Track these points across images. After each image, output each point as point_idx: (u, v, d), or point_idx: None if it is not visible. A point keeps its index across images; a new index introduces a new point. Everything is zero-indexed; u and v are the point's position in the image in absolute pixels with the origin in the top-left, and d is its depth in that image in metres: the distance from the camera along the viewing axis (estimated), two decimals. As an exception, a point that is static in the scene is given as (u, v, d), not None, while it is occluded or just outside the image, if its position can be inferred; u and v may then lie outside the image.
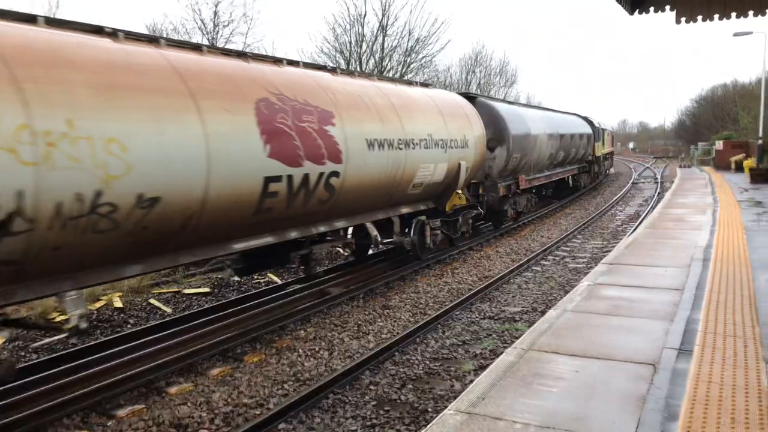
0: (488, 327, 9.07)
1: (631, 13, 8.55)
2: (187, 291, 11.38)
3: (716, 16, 8.49)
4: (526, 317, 9.49)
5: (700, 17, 8.51)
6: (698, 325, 6.05)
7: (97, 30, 6.47)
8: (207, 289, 11.52)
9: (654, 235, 11.97)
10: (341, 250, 14.15)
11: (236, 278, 12.04)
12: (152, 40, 7.07)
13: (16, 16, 5.78)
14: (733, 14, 8.48)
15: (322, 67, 10.10)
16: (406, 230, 12.21)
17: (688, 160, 49.33)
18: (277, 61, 8.95)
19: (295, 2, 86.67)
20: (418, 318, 9.55)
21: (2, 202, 4.85)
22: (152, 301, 10.71)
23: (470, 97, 15.70)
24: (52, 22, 6.10)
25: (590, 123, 30.60)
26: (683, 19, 8.54)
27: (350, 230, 10.95)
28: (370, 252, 13.55)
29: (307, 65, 9.77)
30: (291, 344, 8.47)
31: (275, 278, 12.34)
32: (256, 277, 12.40)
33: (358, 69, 41.81)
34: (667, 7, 8.49)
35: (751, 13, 8.45)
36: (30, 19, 5.88)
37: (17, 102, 4.96)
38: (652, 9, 8.52)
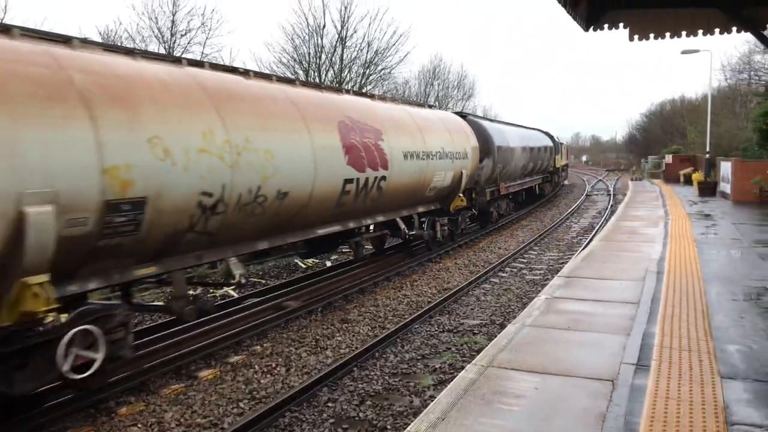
0: (447, 340, 9.02)
1: (586, 29, 8.66)
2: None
3: (667, 35, 8.67)
4: (484, 330, 9.48)
5: (652, 35, 8.68)
6: (654, 339, 6.12)
7: (232, 69, 9.03)
8: (160, 303, 11.17)
9: (609, 247, 12.16)
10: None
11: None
12: (266, 76, 9.69)
13: (192, 62, 8.20)
14: (684, 33, 8.68)
15: (363, 94, 13.27)
16: (423, 226, 14.77)
17: (639, 173, 50.63)
18: (337, 90, 12.09)
19: (252, 10, 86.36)
20: (377, 332, 9.45)
21: (214, 192, 7.18)
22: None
23: (462, 116, 18.48)
24: (214, 66, 8.61)
25: (551, 137, 33.77)
26: (636, 37, 8.69)
27: (371, 227, 12.99)
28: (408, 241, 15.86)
29: (356, 93, 12.84)
30: (247, 360, 8.27)
31: (231, 292, 12.07)
32: (211, 290, 12.12)
33: (318, 80, 41.76)
34: (621, 25, 8.62)
35: (700, 32, 8.66)
36: (200, 63, 8.46)
37: (222, 125, 7.38)
38: (606, 26, 8.65)
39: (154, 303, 10.63)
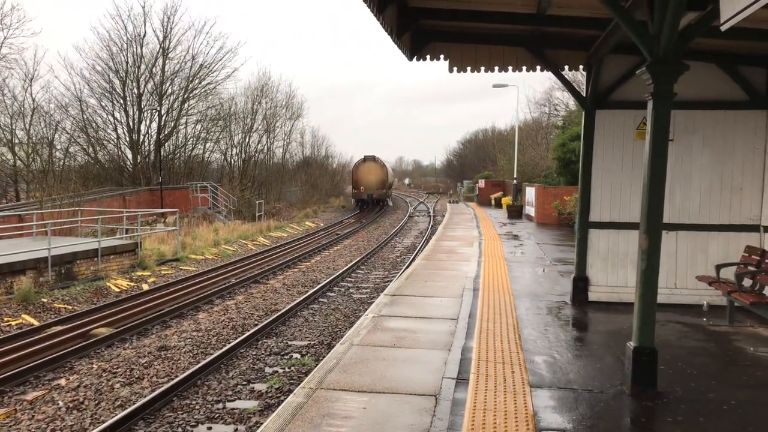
0: (274, 363, 8.81)
1: (410, 59, 9.11)
2: None
3: (483, 68, 9.39)
4: (312, 351, 9.41)
5: (469, 68, 9.35)
6: (472, 353, 6.47)
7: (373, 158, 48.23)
8: None
9: (430, 266, 12.75)
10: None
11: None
12: (377, 159, 48.93)
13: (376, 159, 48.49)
14: (497, 68, 9.47)
15: (384, 165, 49.48)
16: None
17: (456, 196, 54.14)
18: (385, 163, 49.71)
19: (62, 8, 79.46)
20: (200, 358, 8.98)
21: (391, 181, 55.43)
22: None
23: (374, 159, 46.84)
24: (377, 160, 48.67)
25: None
26: (455, 69, 9.31)
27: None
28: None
29: (385, 164, 49.82)
30: (49, 396, 7.42)
31: (32, 320, 10.81)
32: (6, 318, 10.76)
33: (136, 91, 39.29)
34: (442, 57, 9.20)
35: (510, 68, 9.51)
36: (389, 163, 55.61)
37: (383, 172, 46.65)
38: (428, 57, 9.18)
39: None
